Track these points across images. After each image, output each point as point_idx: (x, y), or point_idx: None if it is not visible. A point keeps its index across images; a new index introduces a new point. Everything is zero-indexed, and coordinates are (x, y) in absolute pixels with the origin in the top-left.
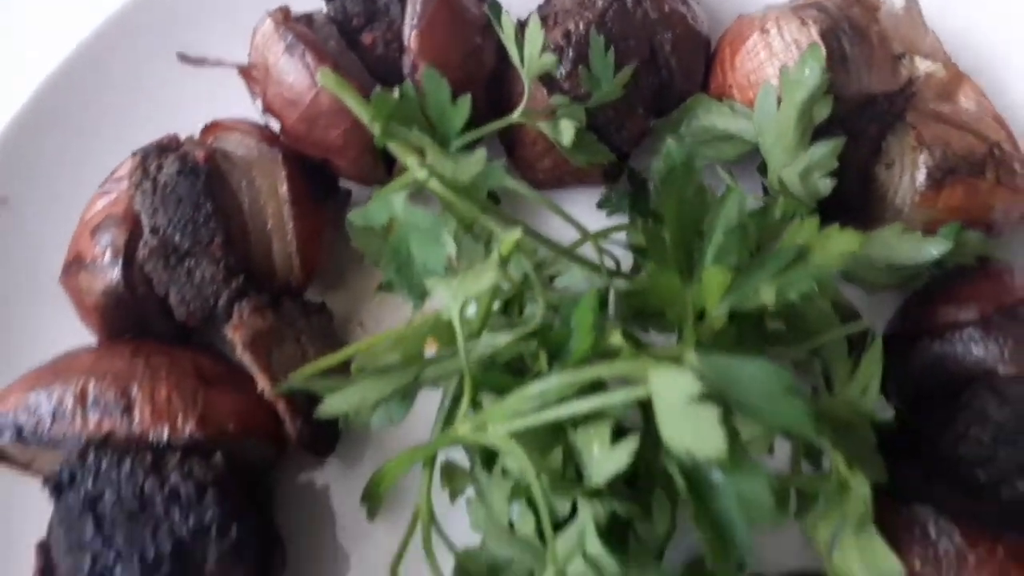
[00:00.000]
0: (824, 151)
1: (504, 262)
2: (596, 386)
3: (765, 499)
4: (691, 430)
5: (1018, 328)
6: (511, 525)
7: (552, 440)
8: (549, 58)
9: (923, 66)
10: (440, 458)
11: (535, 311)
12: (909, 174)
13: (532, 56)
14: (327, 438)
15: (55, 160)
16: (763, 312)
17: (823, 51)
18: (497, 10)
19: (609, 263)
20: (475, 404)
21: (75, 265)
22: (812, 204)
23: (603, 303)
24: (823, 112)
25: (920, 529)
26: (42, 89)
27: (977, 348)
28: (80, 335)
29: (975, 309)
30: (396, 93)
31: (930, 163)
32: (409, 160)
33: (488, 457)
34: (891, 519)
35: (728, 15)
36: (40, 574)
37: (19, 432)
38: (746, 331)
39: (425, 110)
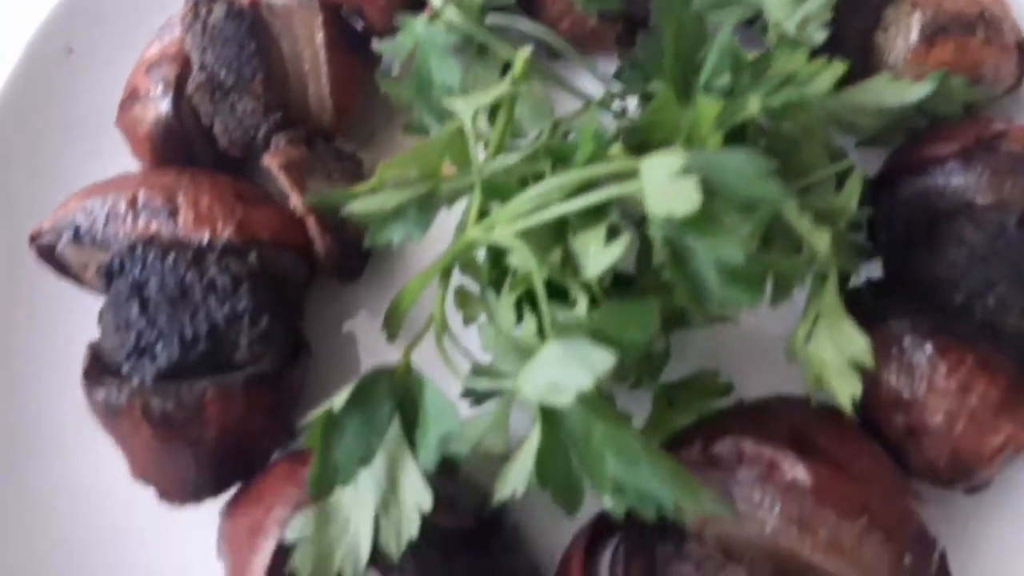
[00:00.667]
0: (820, 2)
1: (517, 80)
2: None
3: (738, 258)
4: (672, 196)
5: (995, 160)
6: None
7: (553, 241)
8: None
9: None
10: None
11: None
12: (903, 34)
13: None
14: (355, 262)
15: (115, 14)
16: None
17: None
18: None
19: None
20: (485, 214)
21: (130, 99)
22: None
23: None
24: None
25: (895, 344)
26: None
27: (956, 179)
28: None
29: (956, 144)
30: None
31: (922, 20)
32: None
33: (498, 280)
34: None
35: None
36: (89, 364)
37: (76, 231)
38: None
39: None
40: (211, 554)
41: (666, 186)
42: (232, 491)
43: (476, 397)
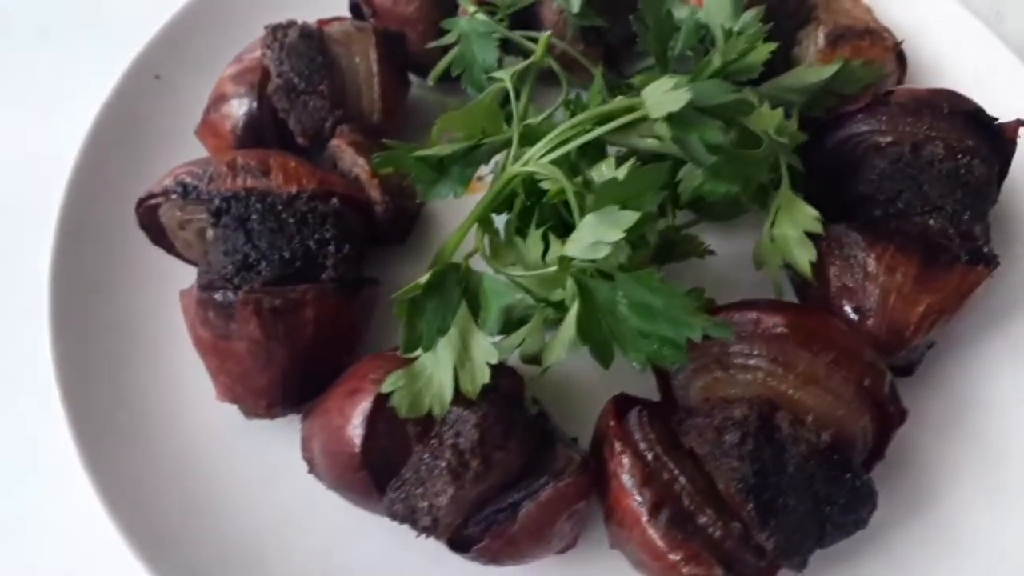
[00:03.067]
0: (751, 15)
1: (540, 55)
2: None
3: (718, 138)
4: (667, 101)
5: (889, 109)
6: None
7: (574, 173)
8: None
9: None
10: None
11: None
12: (813, 42)
13: None
14: (404, 225)
15: (196, 47)
16: None
17: None
18: None
19: None
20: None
21: (218, 102)
22: None
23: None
24: None
25: (836, 243)
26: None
27: (864, 126)
28: None
29: (861, 104)
30: None
31: (825, 31)
32: (469, 5)
33: (525, 220)
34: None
35: None
36: (202, 281)
37: (185, 188)
38: None
39: None
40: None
41: (662, 97)
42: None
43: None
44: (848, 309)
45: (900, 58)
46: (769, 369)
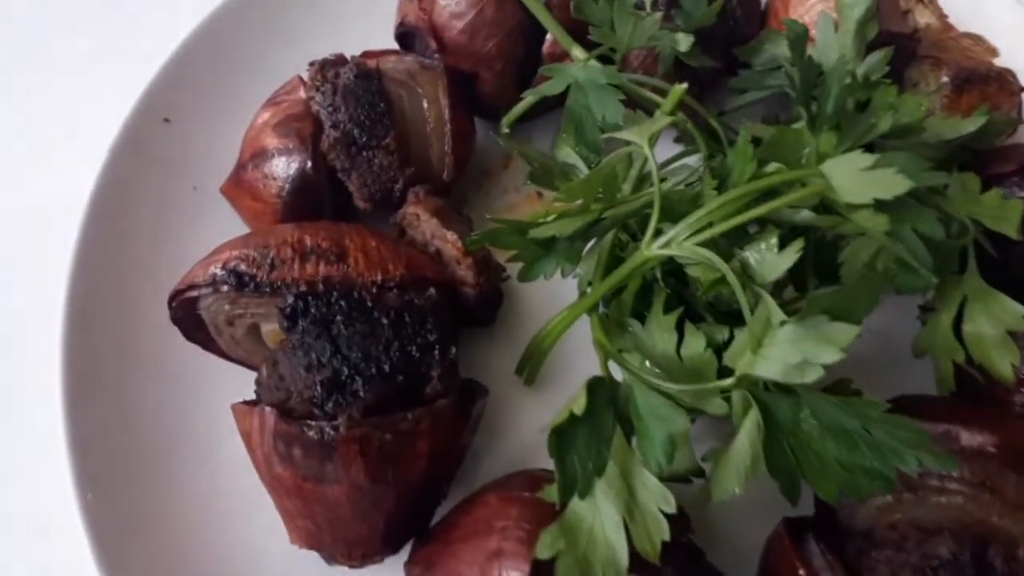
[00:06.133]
0: (878, 57)
1: (672, 111)
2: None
3: (938, 233)
4: (873, 184)
5: None
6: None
7: (727, 256)
8: None
9: (923, 19)
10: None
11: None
12: (935, 86)
13: None
14: (492, 307)
15: (210, 85)
16: None
17: None
18: None
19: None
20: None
21: (257, 159)
22: None
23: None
24: (872, 31)
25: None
26: (203, 26)
27: (1020, 191)
28: None
29: (1013, 164)
30: None
31: (951, 74)
32: (575, 49)
33: (638, 311)
34: None
35: None
36: (279, 412)
37: (239, 279)
38: None
39: None
40: None
41: (860, 179)
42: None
43: None
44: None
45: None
46: (972, 493)
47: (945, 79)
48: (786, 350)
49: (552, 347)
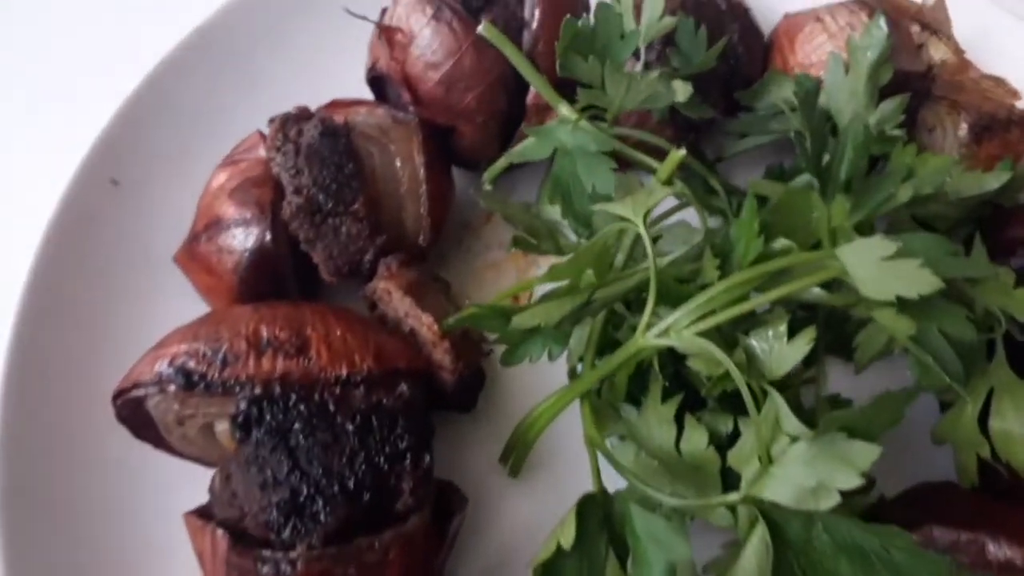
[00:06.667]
0: (893, 105)
1: (669, 179)
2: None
3: (970, 334)
4: (896, 279)
5: None
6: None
7: (731, 342)
8: (668, 21)
9: (938, 54)
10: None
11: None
12: (952, 133)
13: (652, 20)
14: (473, 391)
15: (163, 145)
16: None
17: (884, 20)
18: None
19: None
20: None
21: (211, 229)
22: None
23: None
24: (887, 75)
25: None
26: (153, 76)
27: None
28: (192, 312)
29: None
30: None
31: (969, 121)
32: (561, 106)
33: (633, 395)
34: None
35: (765, 15)
36: (231, 537)
37: (188, 379)
38: None
39: (594, 45)
40: None
41: (879, 271)
42: None
43: None
44: None
45: None
46: None
47: (964, 126)
48: (799, 471)
49: (539, 436)
